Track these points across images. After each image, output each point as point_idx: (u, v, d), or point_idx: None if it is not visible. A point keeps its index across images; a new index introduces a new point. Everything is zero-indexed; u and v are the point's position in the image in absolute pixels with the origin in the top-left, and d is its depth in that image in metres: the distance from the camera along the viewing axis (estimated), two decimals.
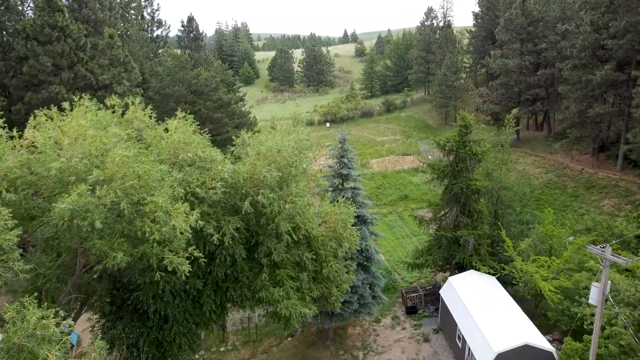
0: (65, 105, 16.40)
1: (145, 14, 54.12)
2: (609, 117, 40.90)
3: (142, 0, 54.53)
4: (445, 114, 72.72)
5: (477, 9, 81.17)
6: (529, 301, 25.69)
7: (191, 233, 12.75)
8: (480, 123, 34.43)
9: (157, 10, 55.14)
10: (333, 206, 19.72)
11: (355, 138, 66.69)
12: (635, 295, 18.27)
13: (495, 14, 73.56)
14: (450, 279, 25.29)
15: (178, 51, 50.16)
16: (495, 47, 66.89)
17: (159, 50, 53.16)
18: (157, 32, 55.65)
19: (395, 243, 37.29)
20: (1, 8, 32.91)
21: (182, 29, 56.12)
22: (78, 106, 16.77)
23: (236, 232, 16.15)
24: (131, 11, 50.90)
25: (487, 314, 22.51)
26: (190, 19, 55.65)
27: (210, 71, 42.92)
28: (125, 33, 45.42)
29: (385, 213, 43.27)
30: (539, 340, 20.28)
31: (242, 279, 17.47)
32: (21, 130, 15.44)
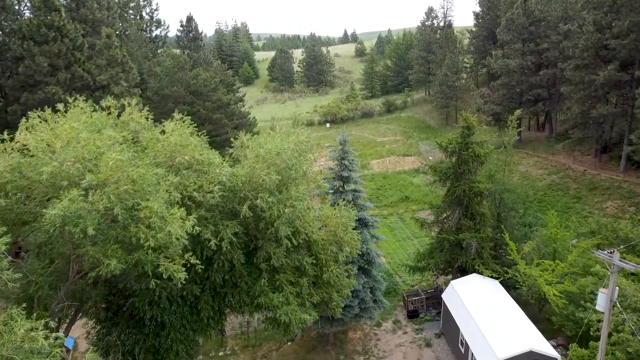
0: (60, 106, 16.03)
1: (144, 14, 53.75)
2: (611, 118, 40.50)
3: None
4: (446, 115, 72.35)
5: (478, 9, 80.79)
6: (533, 305, 25.29)
7: (187, 239, 12.34)
8: (483, 124, 33.96)
9: (156, 10, 54.82)
10: (333, 209, 19.33)
11: (355, 139, 66.31)
12: None
13: (496, 13, 73.19)
14: (453, 282, 24.89)
15: (177, 51, 49.80)
16: (497, 47, 66.52)
17: (158, 51, 52.75)
18: (156, 32, 55.29)
19: (396, 245, 36.89)
20: None
21: (181, 28, 55.70)
22: (73, 107, 16.42)
23: (234, 237, 15.75)
24: (130, 11, 50.48)
25: (491, 318, 22.12)
26: (190, 19, 55.23)
27: (210, 71, 42.52)
28: (124, 33, 45.03)
29: (386, 214, 42.88)
30: (543, 346, 19.87)
31: (241, 284, 17.07)
32: (17, 132, 15.05)
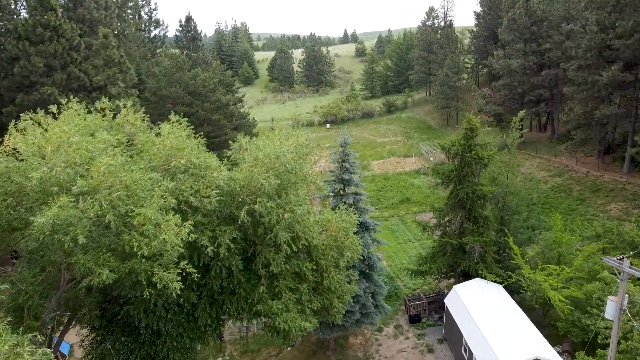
0: (53, 108, 15.58)
1: (142, 14, 53.27)
2: (615, 119, 40.04)
3: None
4: (447, 115, 71.89)
5: (479, 9, 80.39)
6: (537, 310, 24.83)
7: (183, 247, 11.88)
8: (485, 125, 33.47)
9: (155, 9, 54.37)
10: (334, 213, 18.88)
11: (355, 139, 65.88)
12: None
13: (497, 13, 72.74)
14: (456, 287, 24.43)
15: (176, 51, 49.32)
16: (498, 47, 66.07)
17: (156, 51, 52.26)
18: (155, 32, 54.80)
19: (398, 248, 36.42)
20: None
21: (180, 28, 55.20)
22: (66, 109, 15.96)
23: (232, 243, 15.30)
24: (128, 10, 50.01)
25: (495, 324, 21.66)
26: (189, 19, 54.76)
27: (208, 72, 42.06)
28: (122, 33, 44.54)
29: (387, 216, 42.40)
30: (549, 353, 19.40)
31: (239, 291, 16.61)
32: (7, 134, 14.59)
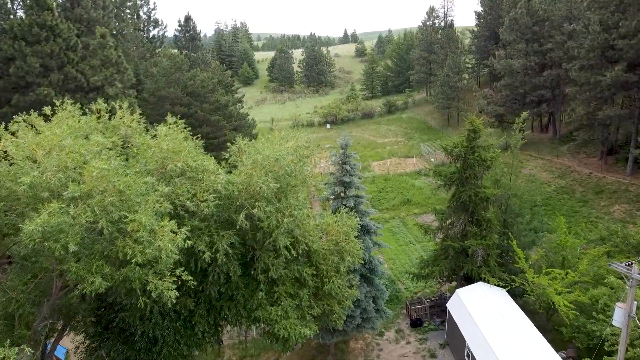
0: (47, 110, 15.21)
1: (141, 13, 52.82)
2: (618, 120, 39.64)
3: None
4: (448, 115, 71.47)
5: (480, 9, 79.95)
6: (540, 314, 24.44)
7: (178, 253, 11.48)
8: (488, 127, 33.07)
9: (154, 9, 53.97)
10: (335, 217, 18.48)
11: (356, 140, 65.48)
12: None
13: (498, 13, 72.31)
14: (458, 291, 24.03)
15: (175, 51, 48.92)
16: (499, 47, 65.72)
17: (155, 51, 51.87)
18: (154, 32, 54.39)
19: (399, 250, 36.02)
20: None
21: (179, 28, 54.83)
22: (61, 111, 15.59)
23: (230, 248, 14.91)
24: (126, 10, 49.62)
25: (498, 330, 21.27)
26: (188, 19, 54.37)
27: (208, 72, 41.67)
28: (120, 33, 44.14)
29: (388, 218, 42.00)
30: (553, 359, 19.02)
31: (237, 297, 16.21)
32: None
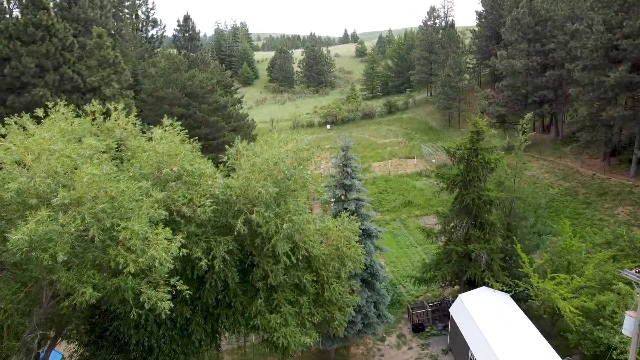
0: (39, 112, 14.76)
1: (139, 13, 52.33)
2: (621, 121, 39.17)
3: None
4: (449, 116, 71.03)
5: (481, 8, 79.50)
6: (545, 319, 23.98)
7: (173, 262, 11.02)
8: (491, 129, 32.58)
9: (152, 9, 53.34)
10: (336, 221, 18.03)
11: (356, 140, 64.99)
12: None
13: (499, 13, 71.84)
14: (461, 296, 23.57)
15: (173, 51, 48.46)
16: (500, 47, 65.26)
17: (154, 51, 51.40)
18: (152, 32, 53.95)
19: (400, 253, 35.56)
20: None
21: (178, 28, 54.38)
22: (54, 113, 15.14)
23: (228, 255, 14.47)
24: (125, 10, 49.16)
25: (502, 335, 20.82)
26: (187, 18, 53.92)
27: (207, 72, 41.19)
28: (119, 33, 43.66)
29: (389, 220, 41.58)
30: None
31: (236, 304, 15.77)
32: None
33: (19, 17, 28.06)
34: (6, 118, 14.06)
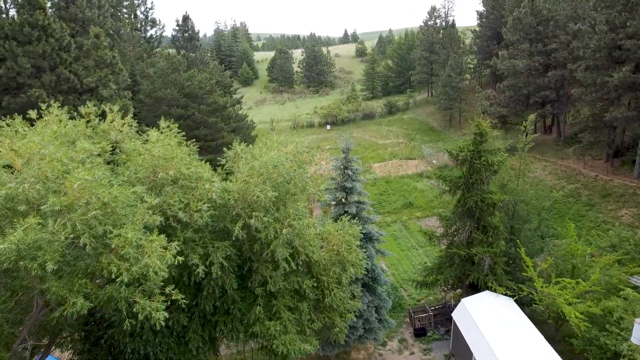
0: (32, 114, 14.37)
1: (138, 13, 51.92)
2: (625, 121, 38.75)
3: None
4: (450, 116, 70.61)
5: (481, 8, 79.09)
6: (549, 324, 23.58)
7: (169, 271, 10.62)
8: (493, 130, 32.16)
9: (151, 8, 52.89)
10: (336, 225, 17.64)
11: (356, 141, 64.56)
12: None
13: (500, 13, 71.44)
14: (464, 301, 23.17)
15: (172, 51, 48.02)
16: (501, 47, 64.83)
17: (153, 51, 50.99)
18: (151, 32, 53.53)
19: (401, 255, 35.14)
20: None
21: (177, 28, 53.99)
22: (47, 115, 14.75)
23: (226, 261, 14.08)
24: (123, 10, 48.74)
25: (506, 341, 20.42)
26: (186, 18, 53.51)
27: (206, 73, 40.78)
28: (117, 32, 43.25)
29: (389, 222, 41.17)
30: None
31: (234, 311, 15.38)
32: None
33: (15, 17, 27.66)
34: (2, 119, 13.69)
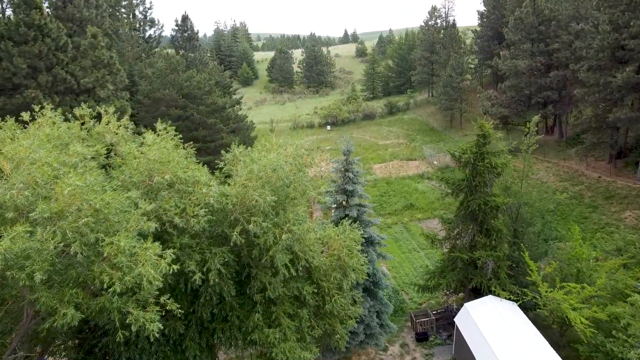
0: (25, 117, 13.99)
1: (137, 13, 51.53)
2: (628, 122, 38.34)
3: None
4: (451, 117, 70.22)
5: (482, 8, 78.66)
6: (553, 329, 23.18)
7: (162, 281, 10.23)
8: (496, 131, 31.74)
9: (150, 8, 52.47)
10: (337, 230, 17.24)
11: (357, 142, 64.17)
12: None
13: (501, 13, 71.04)
14: (467, 305, 22.76)
15: (171, 51, 47.64)
16: (503, 48, 64.40)
17: (152, 51, 50.59)
18: (150, 32, 53.13)
19: (402, 257, 34.71)
20: None
21: (176, 28, 53.57)
22: (40, 117, 14.37)
23: (224, 267, 13.69)
24: (122, 9, 48.34)
25: (510, 347, 20.02)
26: (185, 18, 53.08)
27: (205, 73, 40.39)
28: (115, 32, 42.84)
29: (390, 223, 40.75)
30: None
31: (232, 318, 15.00)
32: None
33: (11, 17, 27.26)
34: None
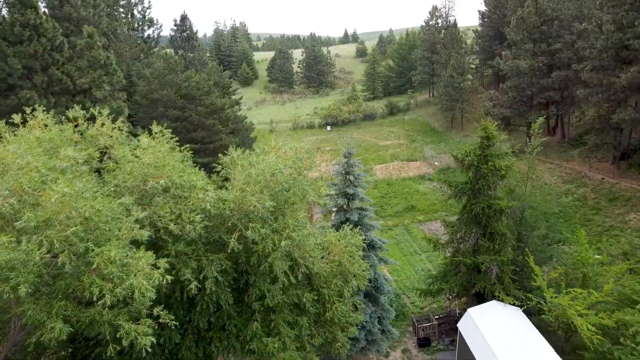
0: (17, 119, 13.54)
1: (135, 12, 51.12)
2: (632, 123, 37.88)
3: None
4: (452, 117, 69.76)
5: (483, 8, 78.18)
6: (558, 335, 22.71)
7: (156, 292, 9.77)
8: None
9: (149, 8, 52.06)
10: (338, 235, 16.79)
11: (357, 142, 63.70)
12: None
13: (503, 12, 70.56)
14: (470, 311, 22.29)
15: (170, 51, 47.18)
16: (504, 48, 63.93)
17: (150, 51, 50.13)
18: (148, 32, 52.68)
19: (403, 260, 34.25)
20: None
21: (175, 28, 53.14)
22: (32, 119, 13.92)
23: (221, 275, 13.23)
24: (120, 9, 47.89)
25: (514, 353, 19.54)
26: (184, 18, 52.66)
27: (203, 73, 39.93)
28: (113, 32, 42.37)
29: (391, 225, 40.30)
30: None
31: (230, 327, 14.54)
32: None
33: (5, 16, 26.81)
34: None
